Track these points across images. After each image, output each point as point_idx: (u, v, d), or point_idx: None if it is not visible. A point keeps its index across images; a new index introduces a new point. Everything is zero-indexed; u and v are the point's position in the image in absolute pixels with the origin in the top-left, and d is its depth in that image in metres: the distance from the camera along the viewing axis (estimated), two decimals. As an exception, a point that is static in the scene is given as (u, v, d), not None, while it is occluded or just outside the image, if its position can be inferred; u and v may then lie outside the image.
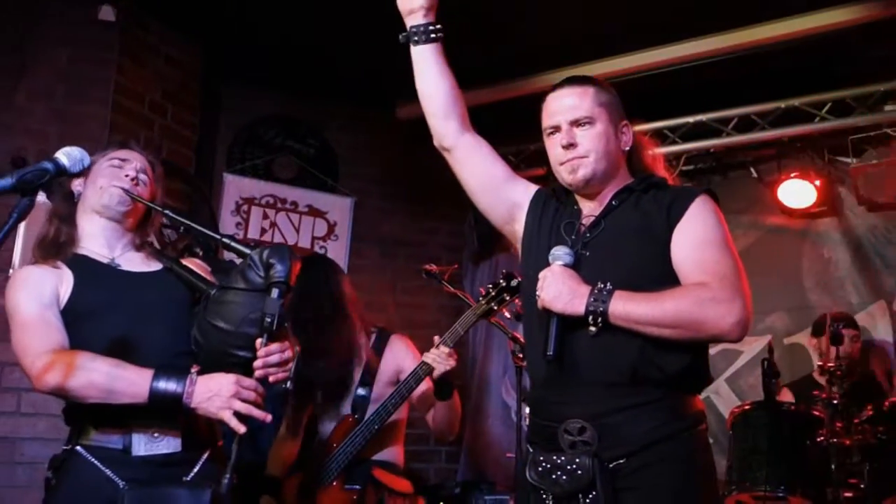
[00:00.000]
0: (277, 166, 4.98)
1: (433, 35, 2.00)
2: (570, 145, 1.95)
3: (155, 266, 2.20)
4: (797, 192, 4.41)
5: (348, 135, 5.19)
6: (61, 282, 2.05)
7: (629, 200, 1.97)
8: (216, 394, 1.89)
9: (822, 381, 3.68)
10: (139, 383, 1.89)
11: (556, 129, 1.98)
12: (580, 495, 1.77)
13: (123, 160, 2.20)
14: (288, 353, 1.96)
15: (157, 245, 2.33)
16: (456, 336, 2.99)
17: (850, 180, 4.31)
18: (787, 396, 3.90)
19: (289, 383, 2.07)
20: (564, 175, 1.98)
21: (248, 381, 1.92)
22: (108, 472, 1.94)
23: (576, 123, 1.96)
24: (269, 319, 1.89)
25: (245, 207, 4.78)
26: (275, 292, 1.90)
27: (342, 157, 5.16)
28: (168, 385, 1.89)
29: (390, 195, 5.22)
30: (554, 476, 1.81)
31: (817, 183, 4.35)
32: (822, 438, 3.17)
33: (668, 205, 1.91)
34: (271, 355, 1.92)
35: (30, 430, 3.48)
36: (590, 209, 2.00)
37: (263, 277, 1.93)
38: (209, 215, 3.07)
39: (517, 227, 2.10)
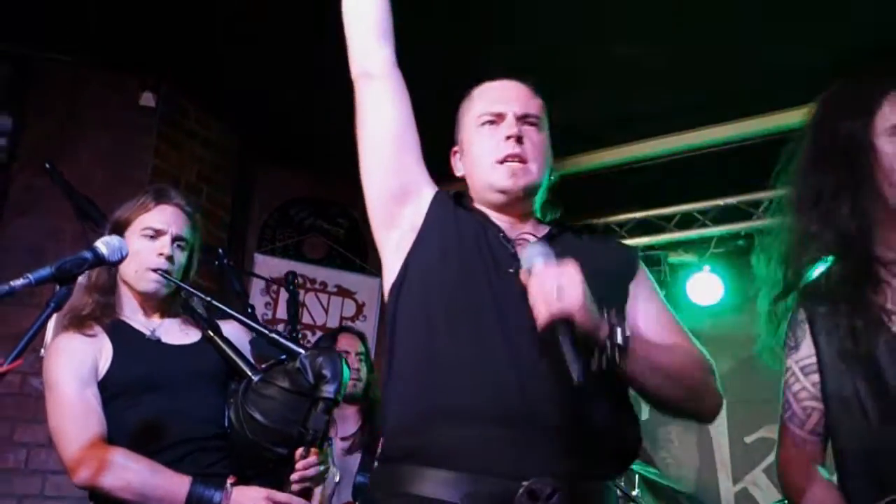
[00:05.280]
0: (307, 246, 5.03)
1: None
2: (520, 139, 1.61)
3: (193, 335, 2.16)
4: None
5: (378, 215, 5.22)
6: (100, 353, 2.02)
7: (567, 233, 1.67)
8: None
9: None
10: (176, 491, 1.87)
11: (500, 117, 1.64)
12: None
13: (157, 231, 2.11)
14: (325, 467, 1.94)
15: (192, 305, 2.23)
16: None
17: None
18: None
19: None
20: (499, 177, 1.61)
21: (281, 497, 1.90)
22: None
23: (524, 119, 1.64)
24: (312, 434, 1.88)
25: (275, 287, 4.80)
26: (321, 406, 1.89)
27: (371, 237, 5.16)
28: (204, 496, 1.87)
29: (419, 275, 5.21)
30: None
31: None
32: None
33: (620, 252, 1.71)
34: (309, 468, 1.90)
35: (53, 514, 3.43)
36: (511, 229, 1.63)
37: (312, 385, 1.90)
38: (242, 295, 3.05)
39: (402, 212, 1.67)
